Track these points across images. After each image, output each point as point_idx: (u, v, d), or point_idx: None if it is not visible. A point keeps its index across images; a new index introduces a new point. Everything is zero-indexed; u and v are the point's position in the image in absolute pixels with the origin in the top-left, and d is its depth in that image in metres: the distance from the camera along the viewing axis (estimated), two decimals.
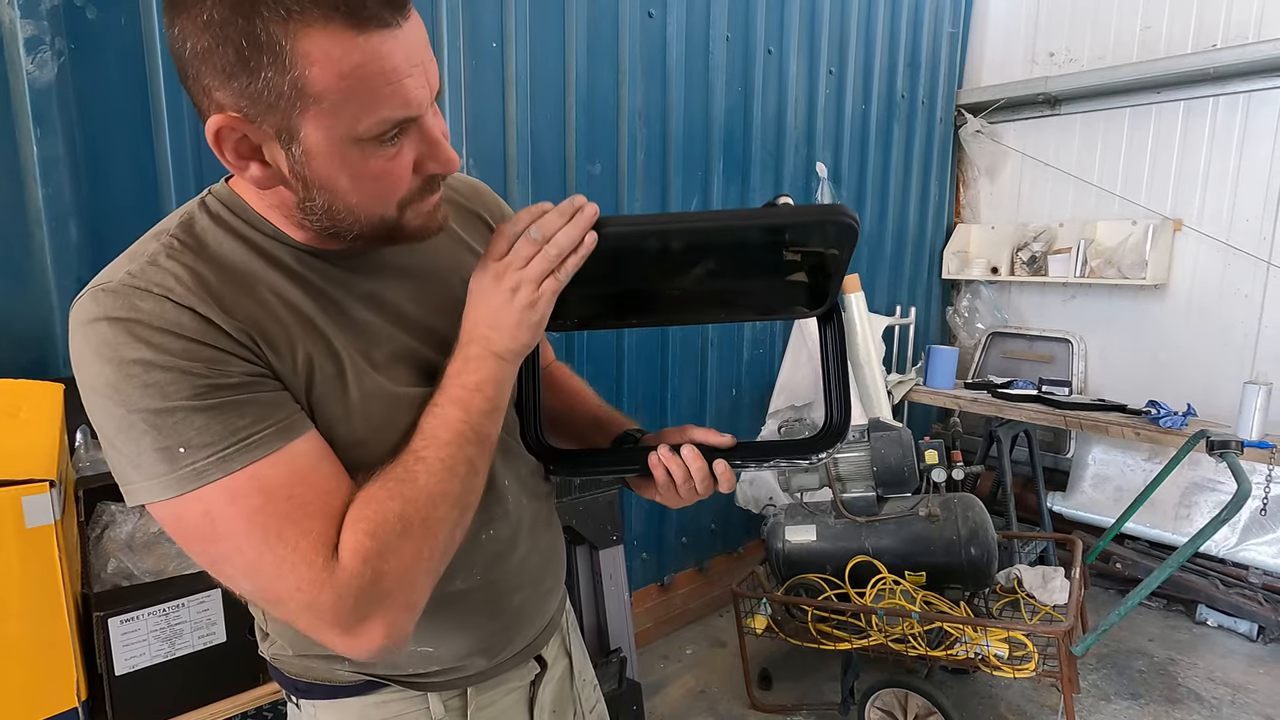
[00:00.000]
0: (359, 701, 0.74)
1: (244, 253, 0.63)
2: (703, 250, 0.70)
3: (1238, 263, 3.04)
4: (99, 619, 0.94)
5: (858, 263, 3.37)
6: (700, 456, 0.73)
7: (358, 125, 0.55)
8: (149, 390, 0.54)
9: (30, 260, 1.33)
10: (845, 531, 2.19)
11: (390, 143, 0.58)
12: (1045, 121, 3.59)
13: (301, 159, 0.57)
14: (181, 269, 0.58)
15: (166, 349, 0.54)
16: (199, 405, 0.54)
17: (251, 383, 0.57)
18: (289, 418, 0.59)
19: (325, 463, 0.61)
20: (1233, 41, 2.97)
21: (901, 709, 2.08)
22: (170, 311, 0.55)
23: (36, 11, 1.29)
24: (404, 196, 0.62)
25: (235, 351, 0.57)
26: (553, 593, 0.86)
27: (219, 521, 0.56)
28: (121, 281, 0.56)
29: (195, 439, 0.54)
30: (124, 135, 1.42)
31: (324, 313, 0.64)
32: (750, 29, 2.71)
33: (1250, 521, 2.84)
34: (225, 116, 0.55)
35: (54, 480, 0.85)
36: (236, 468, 0.55)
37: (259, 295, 0.61)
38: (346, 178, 0.58)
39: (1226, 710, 2.36)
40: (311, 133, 0.55)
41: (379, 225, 0.62)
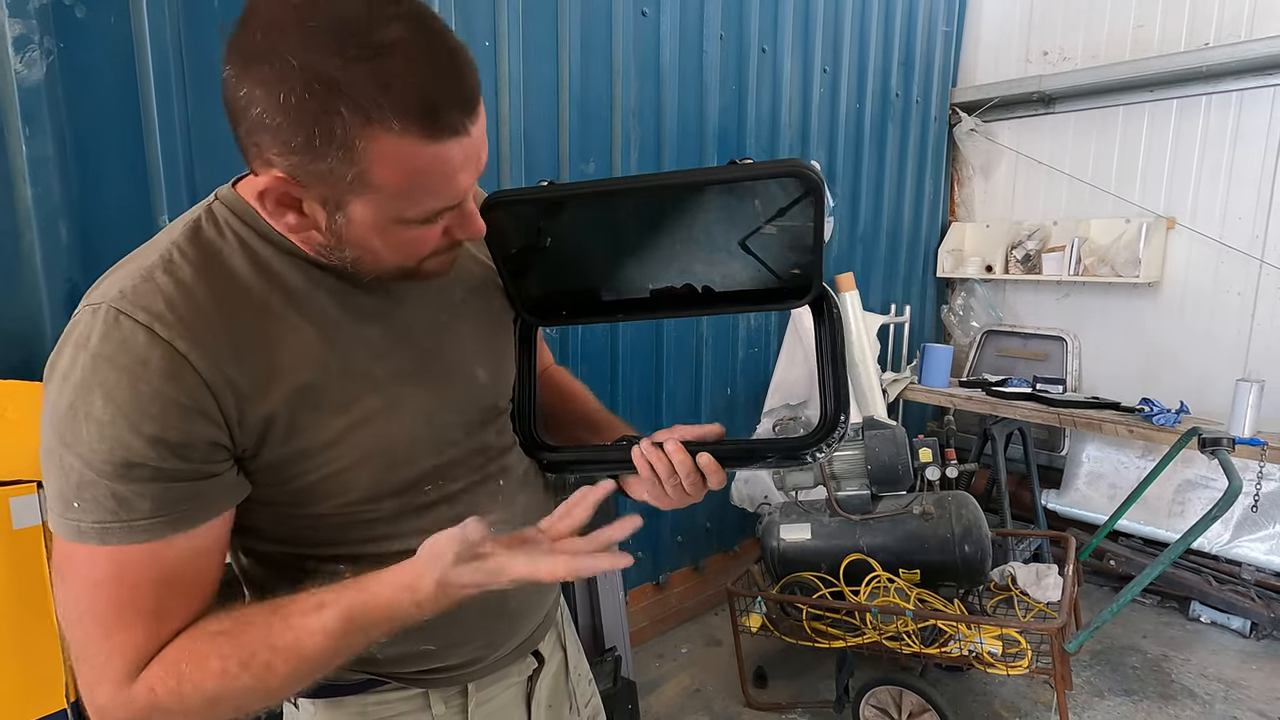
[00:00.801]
0: (359, 700, 0.74)
1: (248, 267, 0.62)
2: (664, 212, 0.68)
3: (1230, 261, 3.06)
4: None
5: (852, 261, 3.38)
6: (683, 450, 0.71)
7: (407, 212, 0.58)
8: (79, 441, 0.54)
9: (19, 260, 1.32)
10: (840, 530, 2.19)
11: (431, 222, 0.61)
12: (1039, 120, 3.59)
13: (343, 225, 0.59)
14: (175, 289, 0.58)
15: (117, 401, 0.54)
16: (108, 476, 0.55)
17: (177, 469, 0.56)
18: (192, 509, 0.58)
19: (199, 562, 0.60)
20: (1225, 40, 2.98)
21: (896, 706, 2.08)
22: (143, 347, 0.55)
23: (25, 10, 1.28)
24: (427, 254, 0.64)
25: (194, 406, 0.56)
26: (550, 589, 0.87)
27: (77, 579, 0.57)
28: (111, 303, 0.56)
29: (89, 502, 0.55)
30: (114, 135, 1.41)
31: (327, 329, 0.64)
32: (744, 27, 2.71)
33: (1243, 518, 2.85)
34: (277, 179, 0.56)
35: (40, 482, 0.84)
36: (113, 543, 0.56)
37: (257, 313, 0.61)
38: (382, 245, 0.61)
39: (1220, 706, 2.37)
40: (359, 209, 0.58)
41: (397, 273, 0.65)
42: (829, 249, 3.20)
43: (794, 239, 0.69)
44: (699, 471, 0.72)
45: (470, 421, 0.74)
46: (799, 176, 0.63)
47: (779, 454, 0.72)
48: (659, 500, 0.77)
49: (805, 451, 0.70)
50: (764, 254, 0.71)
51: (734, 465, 0.73)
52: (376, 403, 0.66)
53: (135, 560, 0.56)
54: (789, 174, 0.63)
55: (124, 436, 0.54)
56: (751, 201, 0.66)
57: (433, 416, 0.70)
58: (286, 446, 0.62)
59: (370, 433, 0.64)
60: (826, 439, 0.70)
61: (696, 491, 0.73)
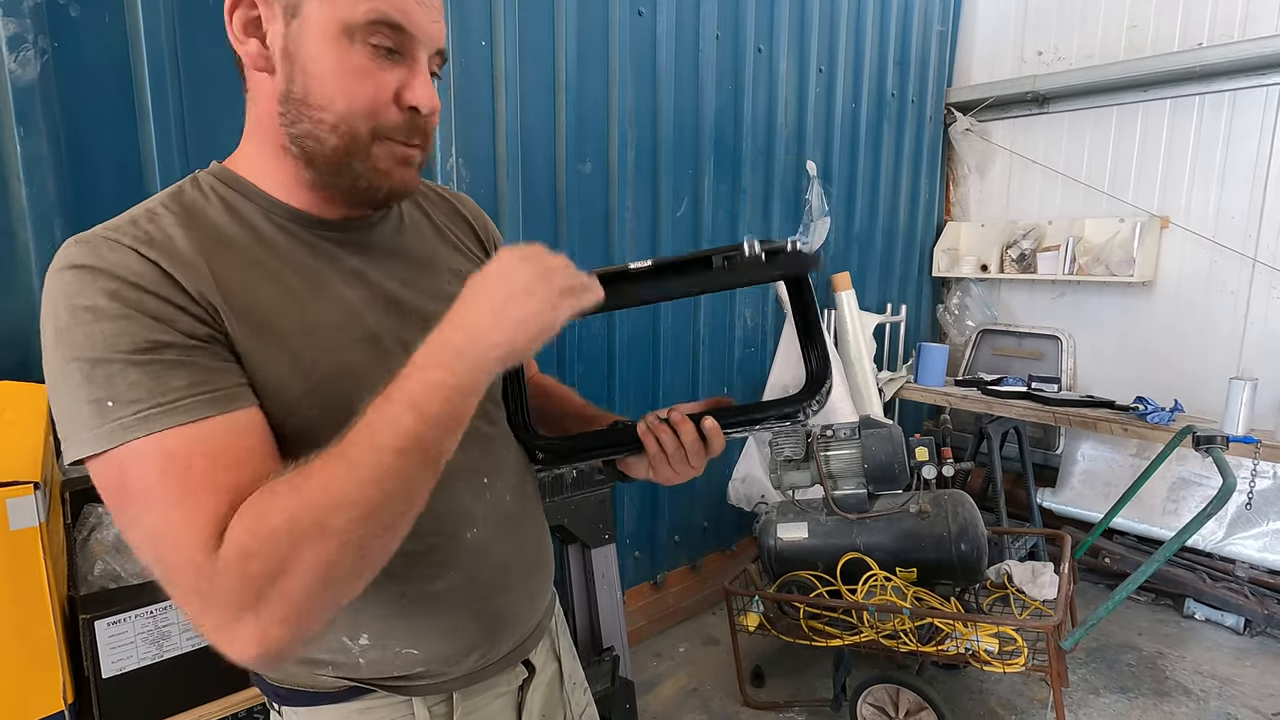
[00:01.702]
0: (342, 708, 0.72)
1: (229, 221, 0.64)
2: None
3: (1223, 259, 3.07)
4: (85, 621, 0.93)
5: (849, 261, 3.38)
6: (688, 421, 0.72)
7: (355, 10, 0.60)
8: (92, 339, 0.54)
9: (14, 260, 1.32)
10: (837, 529, 2.20)
11: (381, 54, 0.62)
12: (1034, 120, 3.61)
13: (297, 34, 0.61)
14: (158, 231, 0.60)
15: (119, 297, 0.55)
16: (135, 360, 0.54)
17: (197, 346, 0.57)
18: (227, 388, 0.57)
19: (250, 439, 0.58)
20: (1218, 40, 3.00)
21: (893, 704, 2.09)
22: (134, 263, 0.56)
23: (19, 9, 1.28)
24: (378, 120, 0.63)
25: (192, 311, 0.57)
26: (540, 596, 0.85)
27: (132, 480, 0.54)
28: (95, 233, 0.58)
29: (125, 394, 0.53)
30: (108, 134, 1.40)
31: (309, 282, 0.65)
32: (740, 27, 2.72)
33: (1237, 515, 2.87)
34: None
35: (38, 482, 0.84)
36: (158, 428, 0.53)
37: (238, 263, 0.62)
38: (331, 64, 0.61)
39: (1214, 702, 2.38)
40: (312, 10, 0.60)
41: (350, 141, 0.63)
42: (824, 249, 3.20)
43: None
44: (702, 439, 0.73)
45: None
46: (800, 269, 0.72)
47: (774, 415, 0.74)
48: (662, 475, 0.76)
49: (796, 409, 0.73)
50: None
51: (733, 430, 0.75)
52: (353, 357, 0.65)
53: (188, 440, 0.54)
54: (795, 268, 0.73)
55: (139, 324, 0.55)
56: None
57: None
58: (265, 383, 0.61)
59: (345, 385, 0.63)
60: (816, 395, 0.73)
61: (699, 462, 0.74)
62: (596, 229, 2.37)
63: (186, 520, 0.53)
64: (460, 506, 0.72)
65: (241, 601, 0.52)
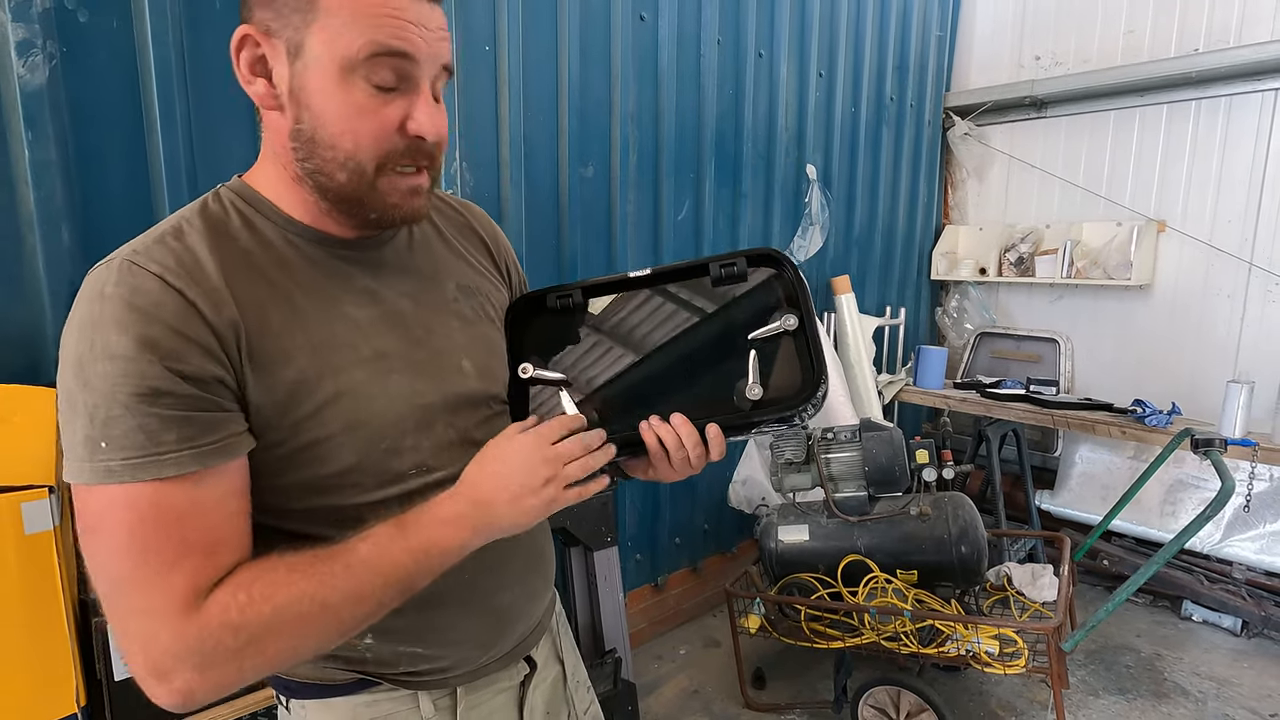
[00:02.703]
0: (349, 701, 0.74)
1: (250, 239, 0.67)
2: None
3: (1220, 263, 3.09)
4: (98, 624, 0.93)
5: (848, 264, 3.40)
6: (689, 422, 0.73)
7: (354, 46, 0.60)
8: (101, 376, 0.56)
9: (22, 264, 1.32)
10: (837, 531, 2.21)
11: (383, 88, 0.62)
12: (1032, 124, 3.63)
13: (301, 74, 0.62)
14: (184, 250, 0.62)
15: (136, 334, 0.56)
16: (134, 407, 0.56)
17: (197, 395, 0.58)
18: (218, 442, 0.59)
19: (235, 500, 0.61)
20: (1214, 46, 3.02)
21: (894, 706, 2.10)
22: (156, 291, 0.58)
23: (28, 15, 1.28)
24: (384, 152, 0.64)
25: (203, 343, 0.59)
26: (540, 595, 0.86)
27: (108, 521, 0.57)
28: (125, 257, 0.60)
29: (118, 439, 0.56)
30: (116, 139, 1.41)
31: (319, 302, 0.68)
32: (741, 32, 2.73)
33: (1234, 518, 2.89)
34: (248, 27, 0.63)
35: (53, 486, 0.85)
36: (144, 478, 0.56)
37: (256, 283, 0.64)
38: (334, 103, 0.62)
39: (1212, 704, 2.40)
40: (314, 46, 0.61)
41: (357, 177, 0.64)
42: (824, 252, 3.22)
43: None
44: (704, 443, 0.74)
45: (452, 407, 0.74)
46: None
47: (772, 418, 0.75)
48: (662, 473, 0.78)
49: (794, 412, 0.74)
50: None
51: (734, 434, 0.76)
52: (360, 376, 0.68)
53: (173, 494, 0.57)
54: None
55: (144, 367, 0.56)
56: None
57: (415, 397, 0.71)
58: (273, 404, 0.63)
59: (352, 404, 0.66)
60: (811, 398, 0.74)
61: (699, 463, 0.75)
62: (598, 232, 2.38)
63: (161, 577, 0.56)
64: None
65: (185, 663, 0.56)
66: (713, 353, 0.78)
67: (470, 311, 0.80)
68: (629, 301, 0.81)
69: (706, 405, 0.76)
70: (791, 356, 0.76)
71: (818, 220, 3.12)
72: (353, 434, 0.66)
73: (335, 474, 0.66)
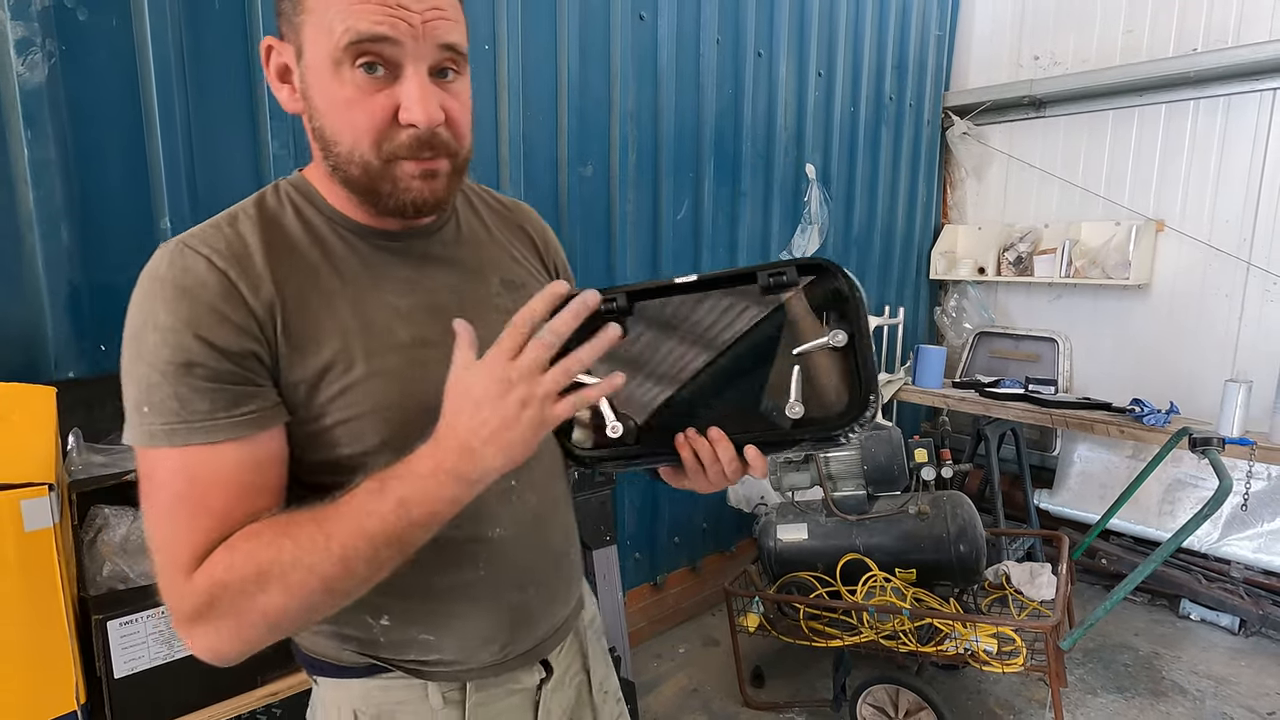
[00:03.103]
0: (362, 683, 0.76)
1: (298, 228, 0.70)
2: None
3: (1218, 263, 3.10)
4: (98, 622, 0.93)
5: (847, 263, 3.37)
6: (726, 438, 0.70)
7: (335, 37, 0.61)
8: (148, 349, 0.61)
9: (21, 263, 1.32)
10: (836, 530, 2.21)
11: (370, 73, 0.63)
12: (1030, 123, 3.63)
13: (305, 75, 0.65)
14: (235, 236, 0.66)
15: (179, 312, 0.61)
16: (171, 376, 0.60)
17: (231, 371, 0.62)
18: (248, 414, 0.62)
19: (254, 474, 0.63)
20: (1212, 46, 3.03)
21: (893, 705, 2.10)
22: (201, 270, 0.63)
23: (27, 13, 1.28)
24: (385, 142, 0.65)
25: (239, 322, 0.62)
26: (561, 598, 0.85)
27: (151, 481, 0.62)
28: (181, 239, 0.65)
29: (158, 405, 0.60)
30: (116, 138, 1.41)
31: (358, 290, 0.70)
32: (740, 31, 2.73)
33: (1231, 517, 2.89)
34: (270, 37, 0.68)
35: (52, 484, 0.85)
36: (179, 444, 0.60)
37: (299, 270, 0.68)
38: (327, 98, 0.64)
39: (1209, 702, 2.40)
40: (309, 47, 0.64)
41: (366, 170, 0.66)
42: (823, 251, 3.22)
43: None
44: (741, 459, 0.70)
45: None
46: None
47: (813, 436, 0.71)
48: (697, 484, 0.75)
49: (838, 432, 0.70)
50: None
51: (773, 450, 0.72)
52: (395, 361, 0.69)
53: (198, 461, 0.61)
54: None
55: (183, 340, 0.60)
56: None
57: None
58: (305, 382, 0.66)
59: (382, 387, 0.68)
60: (859, 418, 0.70)
61: (736, 477, 0.73)
62: (598, 232, 2.38)
63: (175, 534, 0.61)
64: (485, 508, 0.73)
65: (197, 619, 0.61)
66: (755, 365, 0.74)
67: (512, 305, 0.78)
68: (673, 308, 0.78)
69: (746, 419, 0.72)
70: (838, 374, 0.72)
71: (817, 219, 3.13)
72: (380, 416, 0.67)
73: (360, 454, 0.68)
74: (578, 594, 0.90)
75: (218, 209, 0.71)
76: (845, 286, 0.73)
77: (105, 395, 1.37)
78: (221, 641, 0.61)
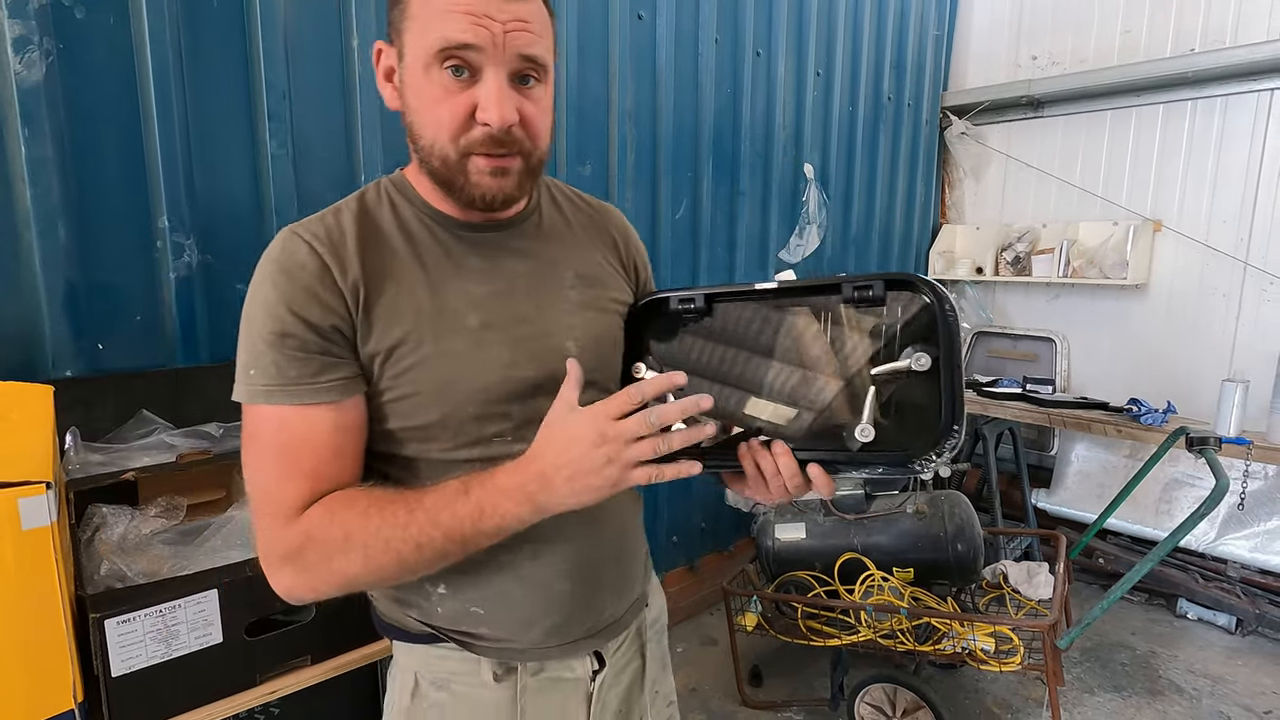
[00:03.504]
0: (425, 650, 0.81)
1: (391, 220, 0.78)
2: None
3: (1215, 263, 3.11)
4: (95, 620, 0.93)
5: (845, 262, 3.41)
6: (789, 454, 0.70)
7: (428, 41, 0.68)
8: (256, 320, 0.70)
9: (18, 261, 1.32)
10: (834, 529, 2.21)
11: (456, 75, 0.69)
12: (1028, 124, 3.64)
13: (403, 74, 0.73)
14: (335, 225, 0.75)
15: (280, 289, 0.70)
16: (272, 343, 0.69)
17: (317, 343, 0.70)
18: (330, 383, 0.71)
19: (337, 436, 0.72)
20: (1210, 46, 3.03)
21: (890, 704, 2.10)
22: (302, 254, 0.71)
23: (24, 11, 1.28)
24: (461, 137, 0.71)
25: (328, 302, 0.71)
26: (617, 594, 0.86)
27: (254, 435, 0.71)
28: (291, 228, 0.74)
29: (262, 368, 0.70)
30: (113, 136, 1.41)
31: (438, 276, 0.76)
32: (739, 31, 2.73)
33: (1228, 516, 2.90)
34: (379, 42, 0.76)
35: (50, 482, 0.85)
36: (277, 403, 0.69)
37: (384, 255, 0.75)
38: (418, 96, 0.71)
39: (1206, 701, 2.41)
40: (408, 50, 0.71)
41: (444, 162, 0.72)
42: (821, 251, 3.22)
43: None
44: (804, 475, 0.70)
45: (549, 384, 0.74)
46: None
47: (888, 462, 0.68)
48: (758, 495, 0.76)
49: (914, 461, 0.66)
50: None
51: (839, 471, 0.70)
52: (460, 343, 0.75)
53: (290, 420, 0.70)
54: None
55: (281, 313, 0.69)
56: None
57: (511, 369, 0.76)
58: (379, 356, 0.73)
59: (445, 365, 0.74)
60: (936, 448, 0.66)
61: (799, 493, 0.73)
62: None
63: (269, 484, 0.70)
64: None
65: (284, 562, 0.70)
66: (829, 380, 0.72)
67: (585, 298, 0.84)
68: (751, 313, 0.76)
69: (813, 436, 0.70)
70: (918, 399, 0.67)
71: (815, 219, 3.13)
72: (441, 393, 0.73)
73: (419, 427, 0.75)
74: (639, 592, 0.91)
75: (215, 208, 0.74)
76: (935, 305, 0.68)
77: (102, 394, 1.37)
78: (298, 585, 0.70)
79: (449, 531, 0.67)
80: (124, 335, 1.44)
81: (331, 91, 1.69)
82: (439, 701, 0.81)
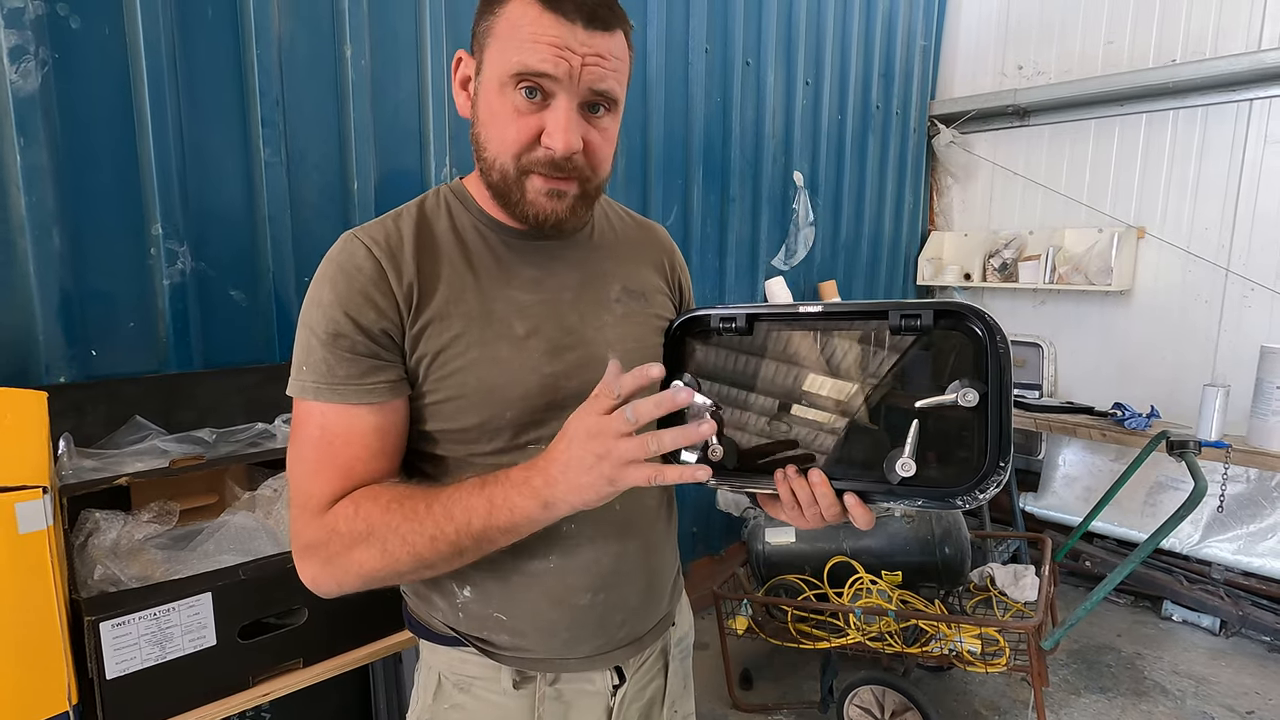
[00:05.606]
0: (448, 651, 0.83)
1: (447, 227, 0.81)
2: None
3: (1198, 269, 3.16)
4: (91, 623, 0.94)
5: (835, 269, 3.44)
6: (826, 483, 0.68)
7: (507, 63, 0.71)
8: (312, 318, 0.73)
9: (13, 268, 1.33)
10: (823, 533, 2.23)
11: (529, 97, 0.71)
12: (1015, 132, 3.69)
13: (479, 87, 0.76)
14: (394, 229, 0.77)
15: (338, 290, 0.73)
16: (324, 342, 0.72)
17: (367, 345, 0.73)
18: (380, 384, 0.73)
19: (375, 437, 0.74)
20: (1191, 57, 3.09)
21: (879, 706, 2.12)
22: (361, 257, 0.74)
23: (20, 21, 1.29)
24: (524, 154, 0.73)
25: (381, 306, 0.73)
26: (642, 610, 0.86)
27: (299, 429, 0.74)
28: (352, 231, 0.77)
29: (314, 365, 0.73)
30: (107, 144, 1.42)
31: (489, 283, 0.79)
32: (729, 40, 2.77)
33: (1212, 519, 2.94)
34: (461, 50, 0.80)
35: (45, 487, 0.86)
36: (323, 400, 0.72)
37: (439, 260, 0.78)
38: (490, 110, 0.74)
39: (1190, 701, 2.44)
40: (486, 66, 0.74)
41: (504, 176, 0.75)
42: (811, 258, 3.26)
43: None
44: (841, 505, 0.69)
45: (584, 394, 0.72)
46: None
47: (927, 495, 0.66)
48: (795, 520, 0.74)
49: (956, 497, 0.64)
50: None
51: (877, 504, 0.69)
52: (504, 349, 0.77)
53: (333, 417, 0.73)
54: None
55: (336, 315, 0.72)
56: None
57: (551, 378, 0.78)
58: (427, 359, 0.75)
59: (488, 371, 0.76)
60: (980, 484, 0.63)
61: (836, 521, 0.71)
62: None
63: (314, 478, 0.73)
64: None
65: (308, 553, 0.73)
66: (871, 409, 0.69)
67: (629, 311, 0.85)
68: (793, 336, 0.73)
69: (852, 465, 0.68)
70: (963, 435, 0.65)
71: (804, 226, 3.16)
72: (483, 398, 0.75)
73: (460, 430, 0.77)
74: (666, 611, 0.91)
75: (209, 215, 0.75)
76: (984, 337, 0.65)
77: (95, 400, 1.37)
78: (320, 576, 0.73)
79: (462, 527, 0.68)
80: (117, 341, 1.45)
81: (325, 100, 1.71)
82: (460, 704, 0.83)
